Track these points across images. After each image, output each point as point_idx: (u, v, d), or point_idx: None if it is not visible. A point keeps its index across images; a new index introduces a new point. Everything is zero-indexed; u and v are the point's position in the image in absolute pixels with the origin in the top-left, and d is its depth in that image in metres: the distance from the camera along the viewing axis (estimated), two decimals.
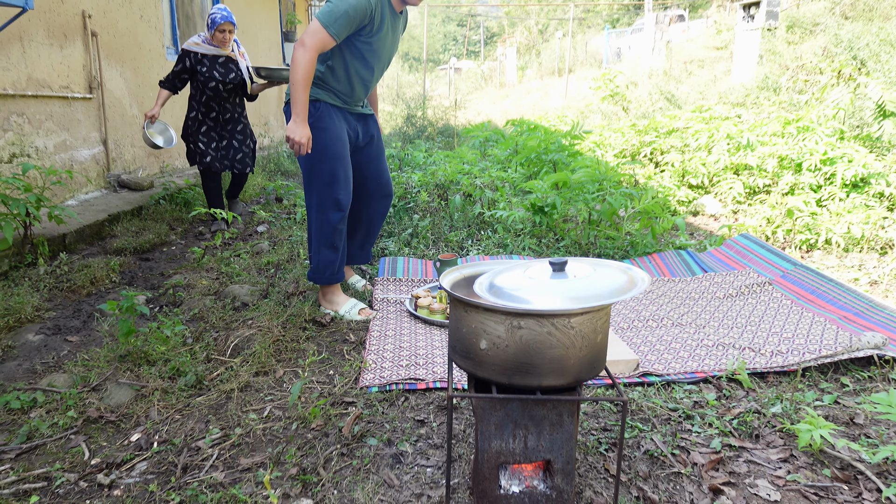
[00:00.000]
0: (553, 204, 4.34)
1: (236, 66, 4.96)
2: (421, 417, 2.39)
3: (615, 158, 7.06)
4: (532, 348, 1.61)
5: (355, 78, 3.16)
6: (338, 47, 3.07)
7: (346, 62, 3.11)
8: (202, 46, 4.83)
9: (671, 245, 4.37)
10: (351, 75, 3.14)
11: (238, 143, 5.17)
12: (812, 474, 2.04)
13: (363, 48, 3.07)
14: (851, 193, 5.24)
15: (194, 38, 4.87)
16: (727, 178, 5.82)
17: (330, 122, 3.14)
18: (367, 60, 3.13)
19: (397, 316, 3.37)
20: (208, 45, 4.83)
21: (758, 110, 8.62)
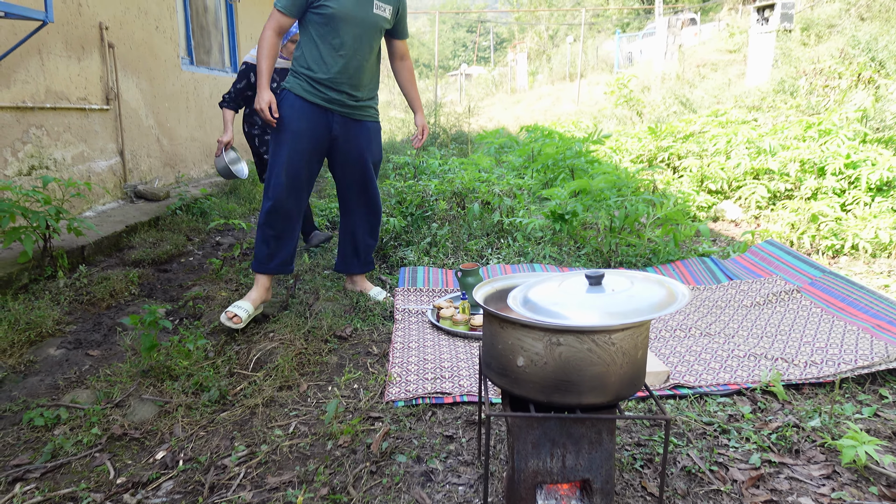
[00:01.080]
0: (574, 211, 4.28)
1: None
2: (449, 433, 2.34)
3: (632, 164, 6.99)
4: (572, 365, 1.56)
5: (326, 51, 3.15)
6: (304, 25, 3.19)
7: (313, 37, 3.17)
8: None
9: (694, 252, 4.30)
10: (321, 50, 3.16)
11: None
12: (858, 492, 1.97)
13: (321, 18, 3.10)
14: (877, 198, 5.15)
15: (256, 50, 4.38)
16: (748, 182, 5.73)
17: (288, 112, 3.21)
18: (333, 29, 3.12)
19: (419, 327, 3.33)
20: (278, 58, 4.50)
21: (775, 114, 8.52)
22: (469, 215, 4.77)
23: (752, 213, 5.55)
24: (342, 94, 3.25)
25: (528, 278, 1.94)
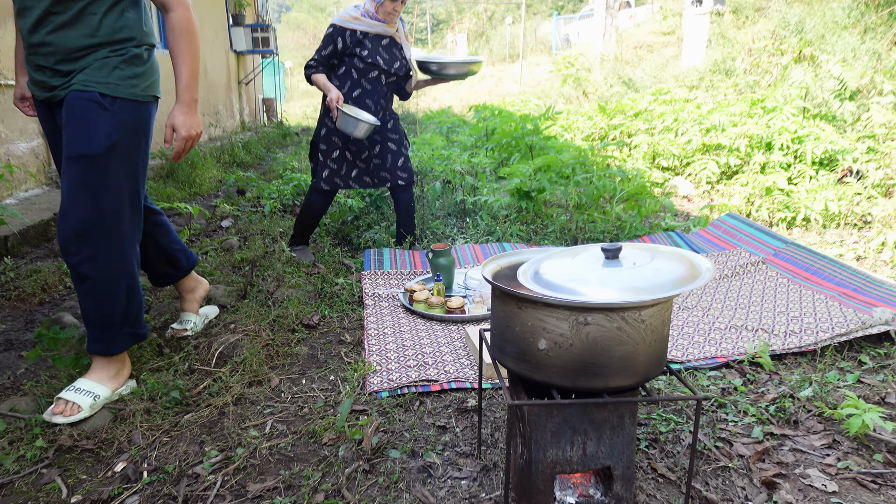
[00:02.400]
0: (541, 188, 4.18)
1: (401, 51, 3.76)
2: (441, 423, 2.20)
3: (584, 142, 6.98)
4: (600, 346, 1.44)
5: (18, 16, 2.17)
6: None
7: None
8: (363, 22, 3.59)
9: (658, 227, 4.29)
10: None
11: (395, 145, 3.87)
12: (862, 460, 1.95)
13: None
14: (820, 171, 5.31)
15: (350, 11, 3.65)
16: (697, 159, 5.81)
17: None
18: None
19: (392, 312, 3.16)
20: (371, 20, 3.61)
21: (714, 92, 8.72)
22: (431, 195, 4.61)
23: (704, 188, 5.63)
24: (40, 71, 2.21)
25: (536, 254, 1.80)
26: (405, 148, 3.88)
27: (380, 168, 3.82)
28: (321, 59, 3.67)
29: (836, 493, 1.81)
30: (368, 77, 3.69)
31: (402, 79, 3.87)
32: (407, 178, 3.85)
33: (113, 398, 2.35)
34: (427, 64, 3.77)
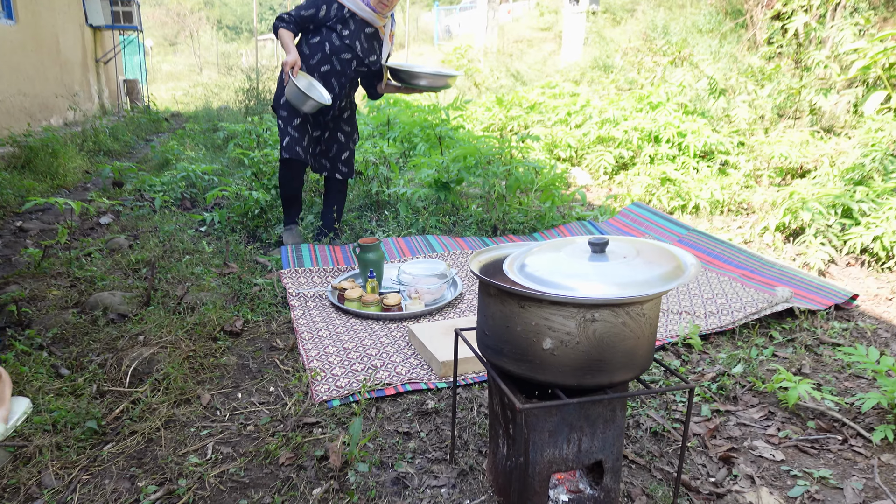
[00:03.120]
0: (459, 179, 4.15)
1: (381, 47, 3.60)
2: (404, 429, 2.09)
3: (483, 133, 7.05)
4: (606, 342, 1.41)
5: None
6: None
7: None
8: (355, 2, 3.41)
9: (570, 217, 4.42)
10: None
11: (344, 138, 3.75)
12: (798, 429, 2.11)
13: None
14: (701, 162, 5.75)
15: None
16: (596, 150, 6.08)
17: None
18: None
19: (323, 312, 2.97)
20: (363, 5, 3.42)
21: (597, 87, 9.17)
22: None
23: (602, 178, 5.90)
24: None
25: (517, 248, 1.74)
26: (353, 142, 3.73)
27: (322, 155, 3.65)
28: (298, 17, 3.42)
29: (784, 462, 1.94)
30: (340, 57, 3.47)
31: (373, 74, 3.68)
32: (347, 173, 3.71)
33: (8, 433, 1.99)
34: (397, 72, 3.58)
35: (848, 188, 4.32)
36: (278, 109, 3.53)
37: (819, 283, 3.25)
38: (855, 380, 2.39)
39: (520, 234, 4.15)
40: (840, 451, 1.96)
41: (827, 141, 5.97)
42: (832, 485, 1.81)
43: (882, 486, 1.77)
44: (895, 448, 1.93)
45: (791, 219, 4.03)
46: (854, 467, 1.88)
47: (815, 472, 1.86)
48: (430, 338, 2.57)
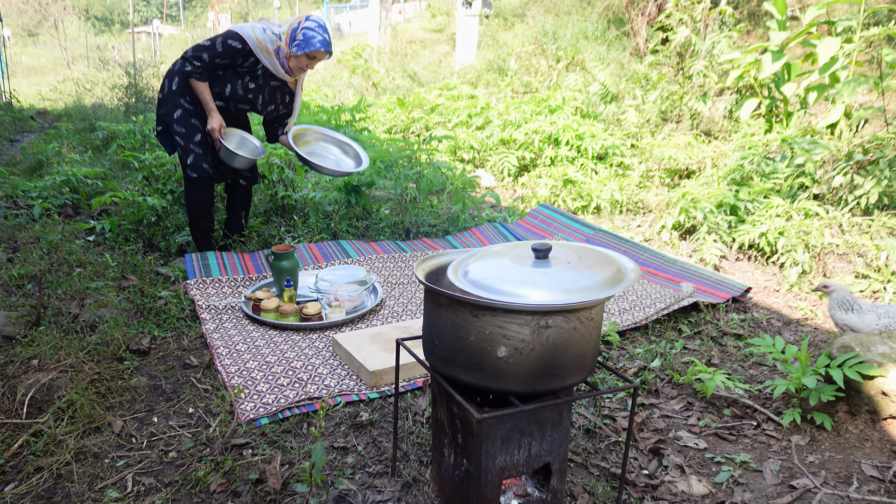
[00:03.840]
0: (370, 182, 4.07)
1: (287, 96, 3.41)
2: (340, 444, 2.01)
3: (386, 134, 7.00)
4: (559, 348, 1.43)
5: None
6: None
7: None
8: (272, 61, 3.16)
9: (480, 219, 4.48)
10: None
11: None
12: (716, 417, 2.26)
13: None
14: (599, 164, 6.04)
15: (265, 38, 3.13)
16: (499, 152, 6.20)
17: None
18: None
19: (238, 325, 2.81)
20: (278, 64, 3.18)
21: (494, 89, 9.39)
22: None
23: (507, 180, 6.03)
24: None
25: (457, 255, 1.72)
26: None
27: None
28: (211, 65, 3.14)
29: (707, 449, 2.07)
30: (238, 105, 3.32)
31: (271, 122, 3.54)
32: (251, 178, 3.51)
33: None
34: (302, 158, 3.39)
35: (731, 188, 4.71)
36: (172, 125, 3.25)
37: (716, 278, 3.50)
38: (758, 367, 2.60)
39: (433, 237, 4.15)
40: (755, 436, 2.11)
41: (708, 144, 6.48)
42: (752, 468, 1.95)
43: (799, 466, 1.93)
44: (801, 430, 2.12)
45: (685, 217, 4.32)
46: (769, 450, 2.04)
47: (736, 457, 1.99)
48: (356, 347, 2.50)
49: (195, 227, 3.46)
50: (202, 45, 3.11)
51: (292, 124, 3.50)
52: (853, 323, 2.46)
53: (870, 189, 4.31)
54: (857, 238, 3.91)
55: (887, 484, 1.84)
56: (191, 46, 3.16)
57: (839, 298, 2.51)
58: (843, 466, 1.93)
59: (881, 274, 3.54)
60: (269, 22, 3.24)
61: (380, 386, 2.34)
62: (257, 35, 3.11)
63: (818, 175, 4.64)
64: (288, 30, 3.12)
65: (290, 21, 3.17)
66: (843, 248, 3.88)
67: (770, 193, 4.56)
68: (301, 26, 3.11)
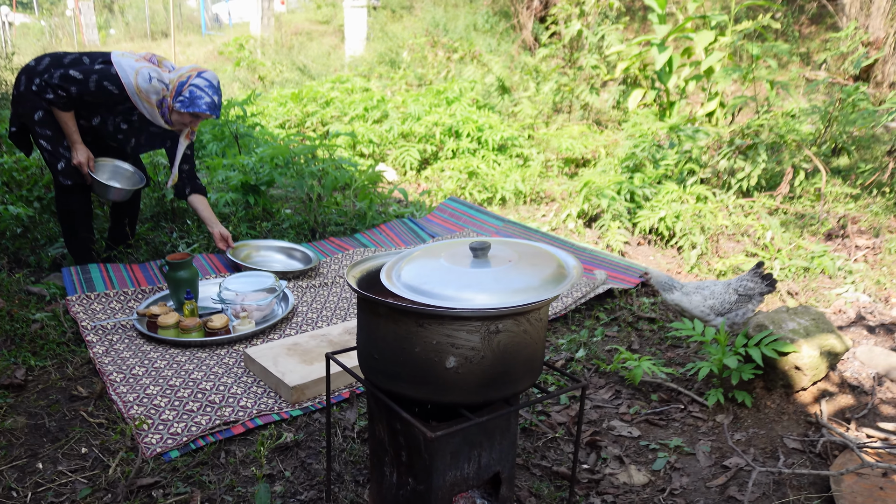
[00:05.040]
0: (269, 181, 3.81)
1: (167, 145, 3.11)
2: (265, 471, 1.83)
3: (280, 129, 6.65)
4: (509, 352, 1.35)
5: None
6: None
7: None
8: (149, 108, 2.83)
9: (391, 215, 4.35)
10: None
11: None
12: (644, 403, 2.30)
13: None
14: (500, 155, 6.08)
15: (145, 83, 2.76)
16: (399, 146, 6.08)
17: None
18: None
19: (131, 346, 2.50)
20: (157, 111, 2.84)
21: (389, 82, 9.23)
22: None
23: (410, 174, 5.93)
24: None
25: (386, 257, 1.59)
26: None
27: None
28: (78, 100, 2.75)
29: (641, 437, 2.09)
30: (106, 142, 3.04)
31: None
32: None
33: None
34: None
35: (627, 175, 4.89)
36: (34, 128, 2.83)
37: (625, 264, 3.60)
38: (674, 350, 2.68)
39: (341, 236, 3.97)
40: (683, 419, 2.16)
41: (600, 133, 6.72)
42: (686, 452, 1.98)
43: (730, 445, 1.98)
44: (725, 408, 2.19)
45: (589, 206, 4.43)
46: (698, 432, 2.09)
47: (669, 442, 2.02)
48: (272, 361, 2.30)
49: (71, 239, 3.06)
50: (72, 75, 2.69)
51: (173, 181, 3.16)
52: (682, 303, 2.58)
53: (750, 172, 4.63)
54: (743, 219, 4.18)
55: (810, 455, 1.94)
56: (57, 69, 2.71)
57: (660, 282, 2.64)
58: (768, 441, 2.01)
59: (768, 252, 3.80)
60: (161, 65, 2.91)
61: (302, 402, 2.17)
62: (139, 84, 2.77)
63: (704, 160, 4.93)
64: (176, 81, 2.82)
65: (181, 72, 2.85)
66: (731, 229, 4.14)
67: (662, 179, 4.78)
68: (189, 82, 2.83)
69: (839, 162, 5.36)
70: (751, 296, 2.60)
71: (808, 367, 2.11)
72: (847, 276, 3.49)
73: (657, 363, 2.44)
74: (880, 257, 3.70)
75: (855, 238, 3.95)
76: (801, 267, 3.56)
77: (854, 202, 4.50)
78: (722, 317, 2.60)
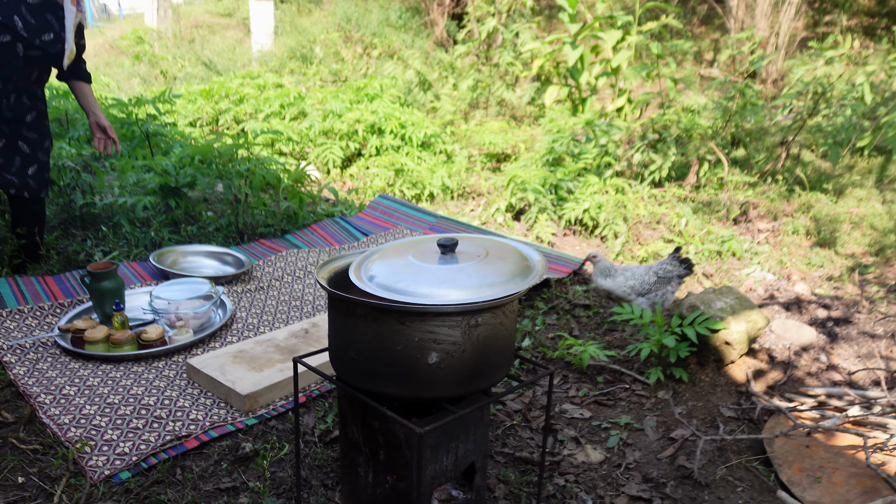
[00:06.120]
0: (191, 182, 3.64)
1: (58, 19, 2.72)
2: (226, 484, 1.77)
3: (192, 128, 6.35)
4: (488, 345, 1.38)
5: None
6: None
7: None
8: None
9: (321, 214, 4.27)
10: None
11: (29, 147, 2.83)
12: (591, 386, 2.41)
13: None
14: (423, 152, 6.11)
15: None
16: (321, 143, 5.97)
17: None
18: None
19: (56, 365, 2.32)
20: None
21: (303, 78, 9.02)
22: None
23: (334, 172, 5.83)
24: None
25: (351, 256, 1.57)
26: (44, 152, 2.88)
27: (3, 169, 2.75)
28: None
29: (593, 418, 2.19)
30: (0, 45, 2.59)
31: (51, 59, 2.78)
32: (37, 189, 2.86)
33: None
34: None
35: (549, 169, 5.06)
36: None
37: (556, 254, 3.74)
38: (611, 334, 2.82)
39: (271, 237, 3.86)
40: (629, 398, 2.29)
41: (518, 129, 6.90)
42: (635, 428, 2.10)
43: (675, 417, 2.12)
44: (665, 385, 2.34)
45: (517, 199, 4.55)
46: (643, 408, 2.22)
47: (619, 420, 2.14)
48: (219, 370, 2.22)
49: None
50: None
51: (70, 57, 2.82)
52: (610, 286, 2.79)
53: (661, 164, 4.93)
54: (658, 208, 4.45)
55: (745, 421, 2.11)
56: None
57: (603, 267, 2.84)
58: (706, 412, 2.17)
59: (682, 237, 4.07)
60: None
61: (255, 410, 2.11)
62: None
63: (618, 154, 5.19)
64: None
65: None
66: (647, 218, 4.39)
67: (583, 172, 5.00)
68: None
69: (736, 153, 5.81)
70: (669, 278, 2.79)
71: (736, 342, 2.29)
72: (753, 258, 3.80)
73: (599, 347, 2.56)
74: (780, 239, 4.05)
75: (757, 222, 4.30)
76: (713, 250, 3.84)
77: (752, 189, 4.90)
78: (642, 297, 2.77)
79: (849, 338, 2.69)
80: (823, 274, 3.60)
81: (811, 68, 5.28)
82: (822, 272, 3.62)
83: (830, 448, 1.93)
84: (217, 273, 3.20)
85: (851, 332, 2.72)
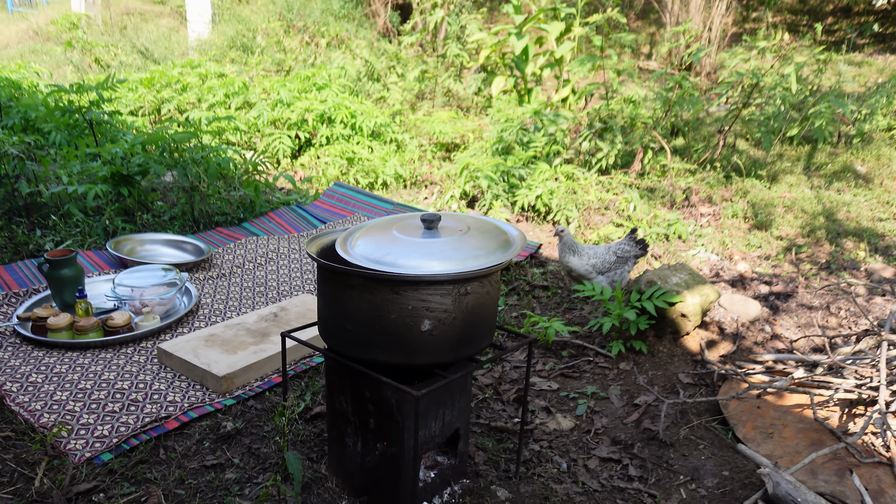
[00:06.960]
0: (144, 170, 3.55)
1: None
2: (211, 461, 1.78)
3: (133, 117, 6.13)
4: (475, 312, 1.47)
5: None
6: None
7: None
8: None
9: (278, 202, 4.24)
10: None
11: None
12: (557, 360, 2.53)
13: None
14: (374, 141, 6.13)
15: None
16: (270, 133, 5.89)
17: None
18: None
19: (19, 354, 2.26)
20: None
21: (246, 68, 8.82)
22: None
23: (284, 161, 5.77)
24: None
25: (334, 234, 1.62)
26: None
27: None
28: None
29: (560, 389, 2.31)
30: None
31: None
32: None
33: None
34: None
35: (500, 158, 5.18)
36: None
37: None
38: (570, 312, 2.95)
39: (227, 225, 3.81)
40: (592, 370, 2.42)
41: (467, 119, 6.99)
42: (601, 396, 2.23)
43: (640, 384, 2.26)
44: (626, 357, 2.48)
45: (470, 187, 4.64)
46: (607, 379, 2.35)
47: (585, 390, 2.26)
48: (192, 353, 2.21)
49: None
50: None
51: None
52: (574, 264, 2.92)
53: (608, 152, 5.13)
54: (606, 194, 4.64)
55: (702, 386, 2.27)
56: None
57: (568, 242, 2.96)
58: (666, 380, 2.32)
59: (631, 222, 4.26)
60: None
61: (232, 391, 2.12)
62: None
63: (566, 143, 5.36)
64: None
65: None
66: (597, 204, 4.57)
67: (533, 160, 5.14)
68: None
69: (676, 142, 6.09)
70: (627, 258, 2.94)
71: (691, 314, 2.46)
72: (697, 240, 4.03)
73: (562, 323, 2.69)
74: (721, 222, 4.31)
75: (699, 207, 4.55)
76: (660, 233, 4.05)
77: (693, 176, 5.16)
78: (602, 275, 2.92)
79: (789, 310, 2.91)
80: (762, 254, 3.85)
81: (745, 58, 5.60)
82: (760, 252, 3.88)
83: (779, 407, 2.12)
84: (177, 261, 3.15)
85: (791, 305, 2.95)
